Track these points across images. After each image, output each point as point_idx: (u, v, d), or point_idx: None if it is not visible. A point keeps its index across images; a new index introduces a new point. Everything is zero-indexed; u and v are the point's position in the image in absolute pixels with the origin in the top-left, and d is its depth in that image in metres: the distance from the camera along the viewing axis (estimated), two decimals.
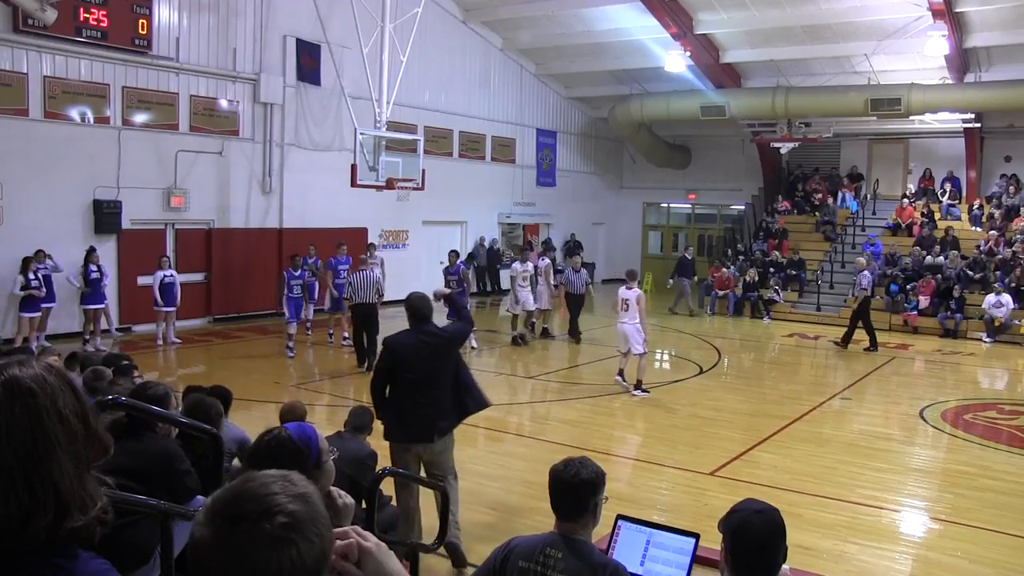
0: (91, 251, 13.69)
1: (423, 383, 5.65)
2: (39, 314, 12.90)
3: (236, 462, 4.69)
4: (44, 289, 12.85)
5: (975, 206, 20.77)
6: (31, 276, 12.68)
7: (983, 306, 16.87)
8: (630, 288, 11.30)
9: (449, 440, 5.88)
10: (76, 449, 1.34)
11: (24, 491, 1.28)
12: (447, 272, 14.67)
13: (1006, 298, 16.67)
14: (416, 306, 5.82)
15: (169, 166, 15.40)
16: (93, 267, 13.55)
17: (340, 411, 8.88)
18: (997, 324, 16.55)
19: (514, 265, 15.81)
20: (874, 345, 15.22)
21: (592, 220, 26.36)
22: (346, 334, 14.22)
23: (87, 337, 13.46)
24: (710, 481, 7.72)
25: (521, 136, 23.73)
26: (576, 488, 2.85)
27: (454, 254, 15.11)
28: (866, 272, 15.52)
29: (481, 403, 6.06)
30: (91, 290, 13.49)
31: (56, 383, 1.35)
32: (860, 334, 15.32)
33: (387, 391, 5.73)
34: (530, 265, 15.59)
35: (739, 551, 2.39)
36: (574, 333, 15.56)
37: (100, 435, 1.41)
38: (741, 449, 8.77)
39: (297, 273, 13.86)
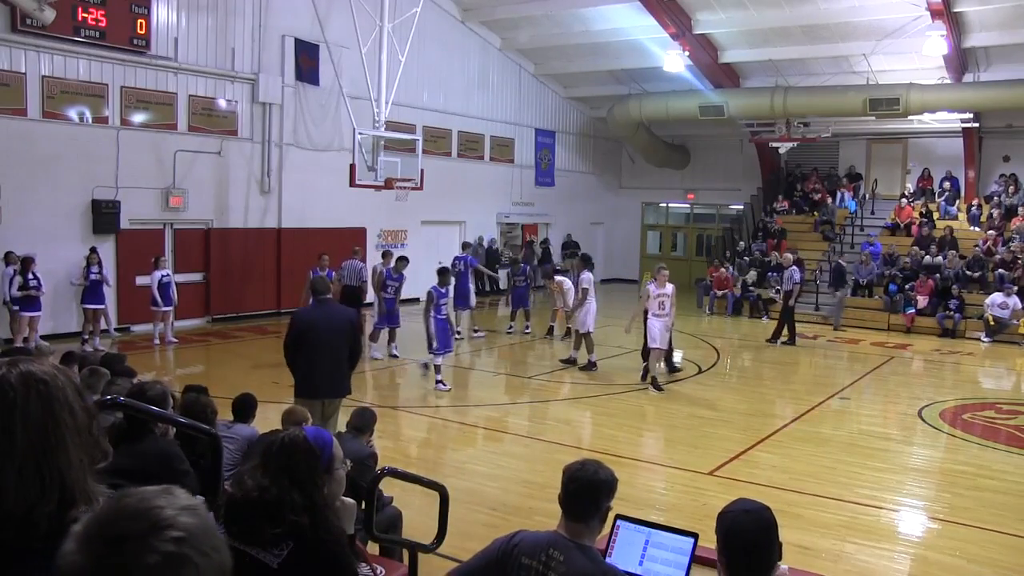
0: (92, 252, 13.71)
1: (320, 347, 6.96)
2: (39, 313, 12.90)
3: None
4: (43, 288, 12.85)
5: (973, 205, 20.80)
6: (30, 276, 12.68)
7: (986, 302, 16.84)
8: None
9: (339, 403, 7.31)
10: (83, 443, 1.37)
11: (35, 478, 1.30)
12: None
13: (1013, 300, 16.61)
14: (315, 286, 7.47)
15: (168, 166, 15.39)
16: (94, 268, 13.57)
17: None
18: (992, 324, 16.55)
19: (583, 276, 13.26)
20: (792, 340, 15.79)
21: (591, 220, 26.37)
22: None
23: (86, 337, 13.46)
24: (709, 481, 7.73)
25: (520, 136, 23.73)
26: (593, 488, 2.82)
27: (402, 260, 13.76)
28: (794, 267, 16.10)
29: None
30: (91, 290, 13.52)
31: (65, 379, 1.39)
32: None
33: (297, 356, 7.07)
34: (587, 275, 13.15)
35: (732, 551, 2.40)
36: (671, 364, 12.74)
37: (100, 439, 1.43)
38: (740, 449, 8.78)
39: (397, 277, 13.20)
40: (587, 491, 2.83)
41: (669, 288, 11.45)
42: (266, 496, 2.52)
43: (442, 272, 11.81)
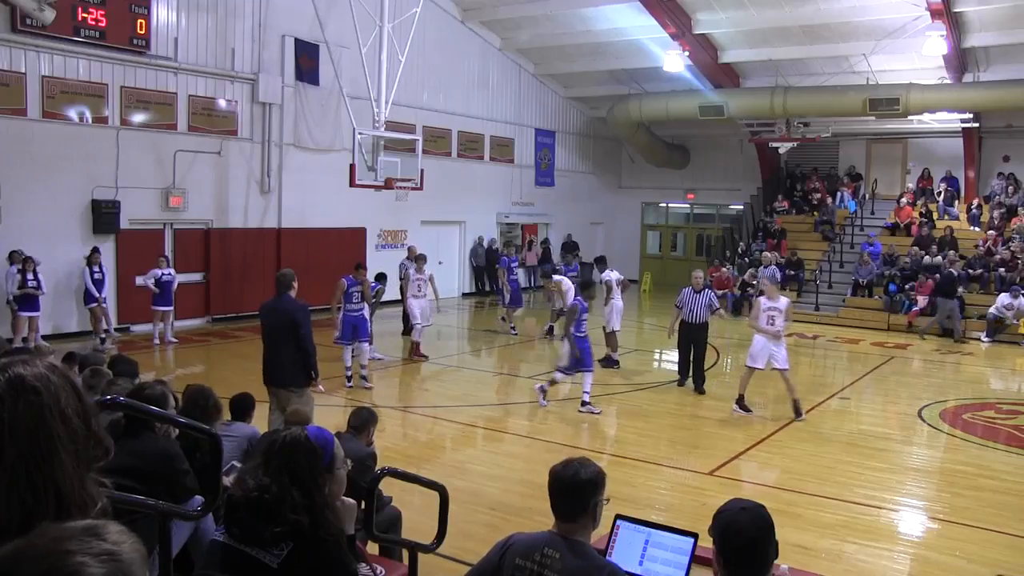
0: (94, 251, 13.71)
1: (269, 337, 7.59)
2: (38, 313, 12.91)
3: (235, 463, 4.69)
4: (43, 288, 12.86)
5: (973, 205, 20.80)
6: (29, 276, 12.69)
7: (997, 301, 16.81)
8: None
9: (304, 397, 7.39)
10: (78, 449, 1.34)
11: (27, 490, 1.28)
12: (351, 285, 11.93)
13: (1020, 301, 16.51)
14: (277, 279, 7.72)
15: (168, 166, 15.39)
16: (96, 268, 13.57)
17: (337, 412, 8.90)
18: (995, 324, 16.56)
19: (608, 274, 13.78)
20: None
21: (591, 220, 26.36)
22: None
23: (103, 336, 13.46)
24: (709, 481, 7.73)
25: (520, 136, 23.73)
26: (575, 488, 2.84)
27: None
28: (772, 267, 16.20)
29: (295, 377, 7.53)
30: (93, 290, 13.53)
31: (59, 383, 1.35)
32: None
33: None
34: (605, 274, 13.40)
35: (729, 550, 2.40)
36: (698, 380, 11.51)
37: (101, 436, 1.41)
38: (740, 449, 8.78)
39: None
40: (570, 490, 2.84)
41: (782, 302, 10.09)
42: (266, 495, 2.53)
43: (586, 285, 10.70)
